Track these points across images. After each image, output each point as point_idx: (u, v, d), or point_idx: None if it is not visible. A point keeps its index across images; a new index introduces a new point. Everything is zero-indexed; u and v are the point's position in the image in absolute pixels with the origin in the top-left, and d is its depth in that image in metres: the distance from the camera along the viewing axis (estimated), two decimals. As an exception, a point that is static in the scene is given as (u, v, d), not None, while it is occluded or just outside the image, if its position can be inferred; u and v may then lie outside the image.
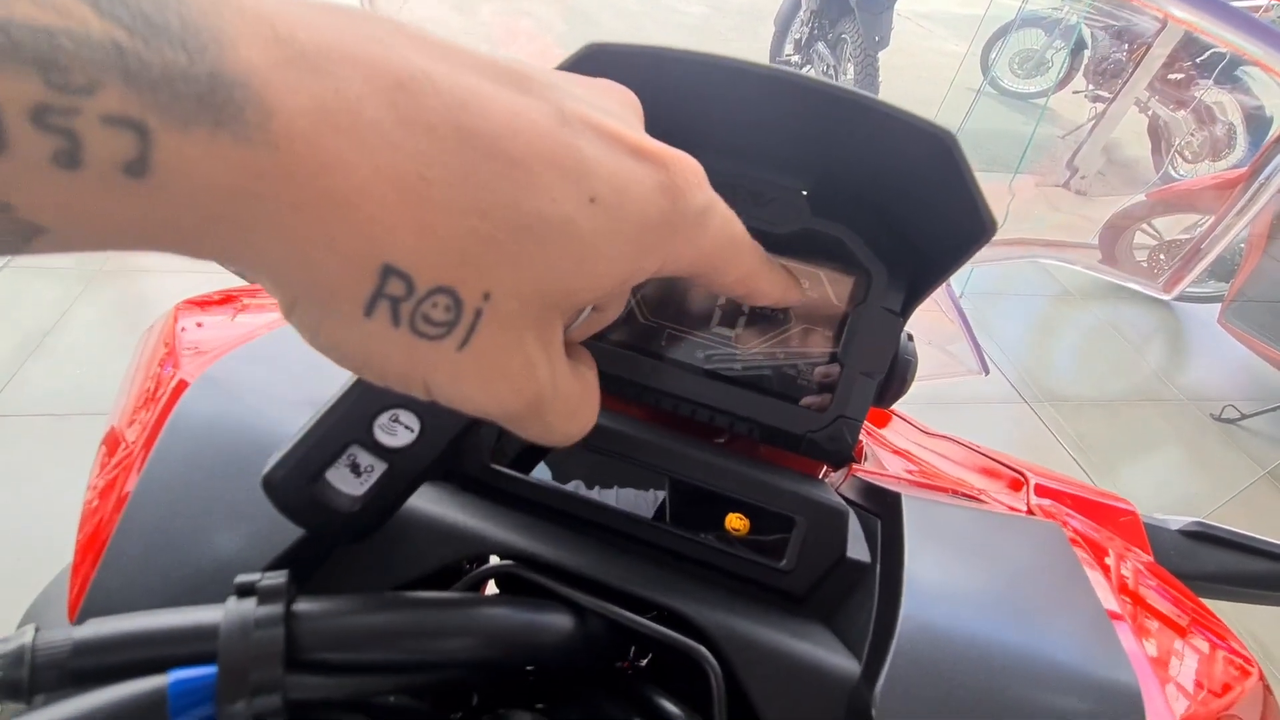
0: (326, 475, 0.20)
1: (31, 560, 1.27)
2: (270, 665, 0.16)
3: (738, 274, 0.22)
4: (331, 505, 0.20)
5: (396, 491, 0.21)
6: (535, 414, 0.18)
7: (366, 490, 0.20)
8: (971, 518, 0.31)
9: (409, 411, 0.21)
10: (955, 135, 0.23)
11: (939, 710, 0.21)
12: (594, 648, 0.23)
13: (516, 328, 0.16)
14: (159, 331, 0.39)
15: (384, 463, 0.21)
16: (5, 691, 0.16)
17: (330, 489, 0.20)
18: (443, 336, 0.15)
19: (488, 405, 0.17)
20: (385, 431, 0.20)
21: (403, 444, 0.20)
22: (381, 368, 0.16)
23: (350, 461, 0.20)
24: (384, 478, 0.21)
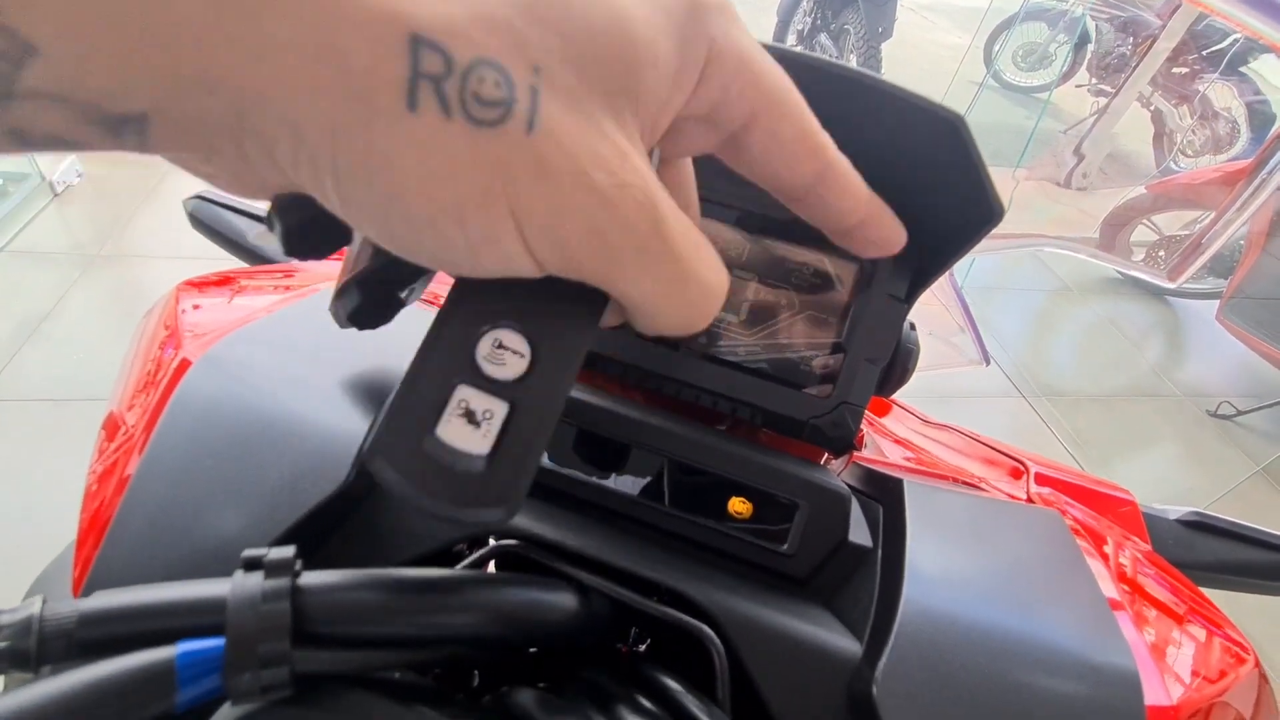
0: (437, 433, 0.15)
1: (31, 546, 1.27)
2: (278, 638, 0.16)
3: (797, 128, 0.18)
4: (454, 469, 0.15)
5: (530, 443, 0.16)
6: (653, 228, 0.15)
7: (493, 443, 0.16)
8: (972, 505, 0.31)
9: (512, 331, 0.16)
10: (963, 117, 0.23)
11: (939, 692, 0.22)
12: (597, 627, 0.23)
13: (585, 105, 0.14)
14: (159, 314, 0.39)
15: (503, 402, 0.16)
16: (12, 661, 0.16)
17: (446, 449, 0.15)
18: (504, 120, 0.13)
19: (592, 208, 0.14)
20: (492, 363, 0.16)
21: (518, 374, 0.16)
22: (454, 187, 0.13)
23: (463, 409, 0.16)
24: (510, 423, 0.16)
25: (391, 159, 0.13)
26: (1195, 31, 2.59)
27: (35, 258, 2.03)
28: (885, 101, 0.24)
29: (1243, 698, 0.27)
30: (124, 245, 2.13)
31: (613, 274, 0.15)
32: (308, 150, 0.13)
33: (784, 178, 0.19)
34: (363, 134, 0.13)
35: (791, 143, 0.18)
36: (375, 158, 0.13)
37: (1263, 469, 2.11)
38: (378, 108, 0.13)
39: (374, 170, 0.13)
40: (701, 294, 0.17)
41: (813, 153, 0.19)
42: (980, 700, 0.22)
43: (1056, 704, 0.22)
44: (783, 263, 0.32)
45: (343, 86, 0.12)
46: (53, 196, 2.27)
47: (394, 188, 0.13)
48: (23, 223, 2.13)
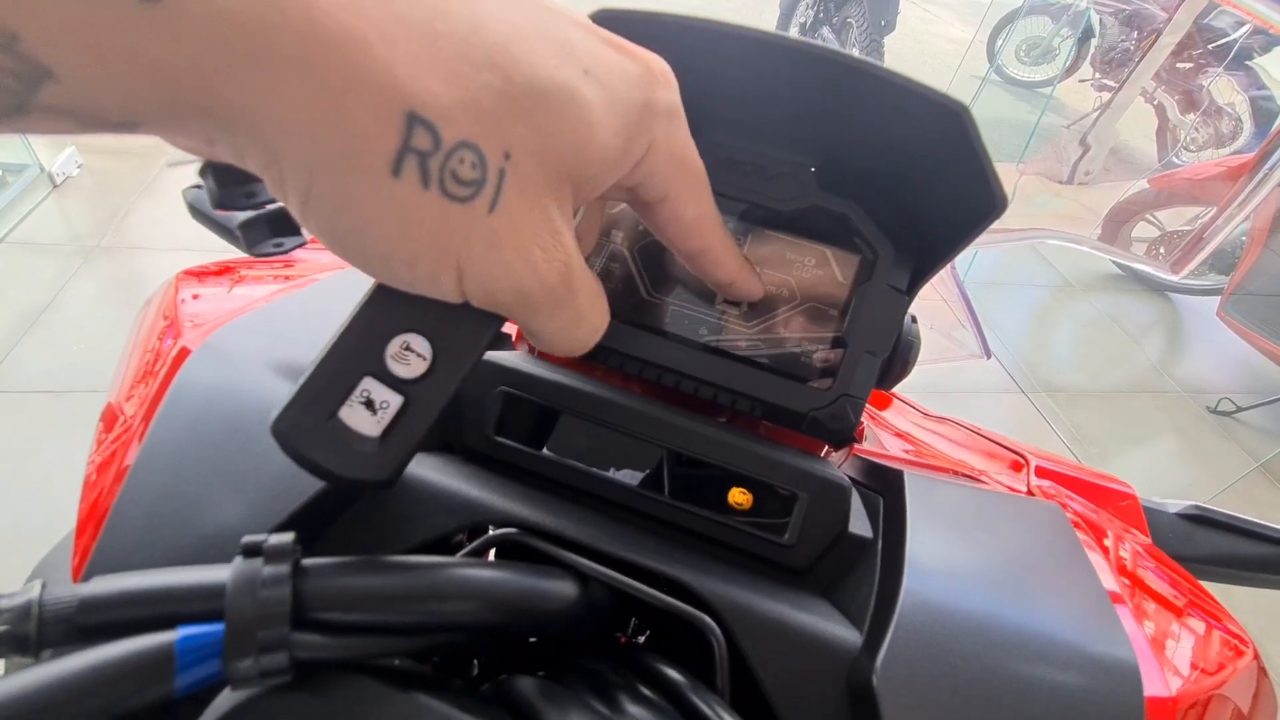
0: (340, 415, 0.18)
1: (31, 536, 1.27)
2: (277, 624, 0.16)
3: (697, 212, 0.22)
4: (349, 447, 0.18)
5: (415, 431, 0.19)
6: (567, 290, 0.18)
7: (384, 428, 0.19)
8: (973, 497, 0.31)
9: (420, 336, 0.19)
10: (968, 107, 0.23)
11: (939, 682, 0.22)
12: (596, 616, 0.23)
13: (538, 192, 0.16)
14: (158, 304, 0.39)
15: (399, 395, 0.19)
16: (12, 645, 0.16)
17: (345, 429, 0.18)
18: (472, 198, 0.15)
19: (524, 276, 0.17)
20: (397, 362, 0.19)
21: (417, 374, 0.19)
22: (414, 243, 0.15)
23: (364, 398, 0.19)
24: (401, 413, 0.19)
25: (365, 211, 0.15)
26: (1201, 25, 2.57)
27: (35, 249, 2.02)
28: (889, 90, 0.24)
29: (1241, 690, 0.27)
30: (123, 237, 2.13)
31: (526, 318, 0.19)
32: (280, 172, 0.14)
33: (675, 245, 0.24)
34: (342, 183, 0.14)
35: (689, 224, 0.22)
36: (349, 205, 0.15)
37: (1262, 465, 2.11)
38: (364, 167, 0.14)
39: (343, 211, 0.15)
40: (589, 332, 0.21)
41: (702, 235, 0.23)
42: (980, 690, 0.22)
43: (1056, 694, 0.22)
44: (784, 255, 0.32)
45: (335, 140, 0.14)
46: (52, 188, 2.27)
47: (360, 232, 0.15)
48: (22, 214, 2.13)
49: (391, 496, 0.25)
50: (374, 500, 0.25)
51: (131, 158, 2.48)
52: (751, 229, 0.32)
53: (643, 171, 0.20)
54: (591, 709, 0.19)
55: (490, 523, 0.25)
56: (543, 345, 0.21)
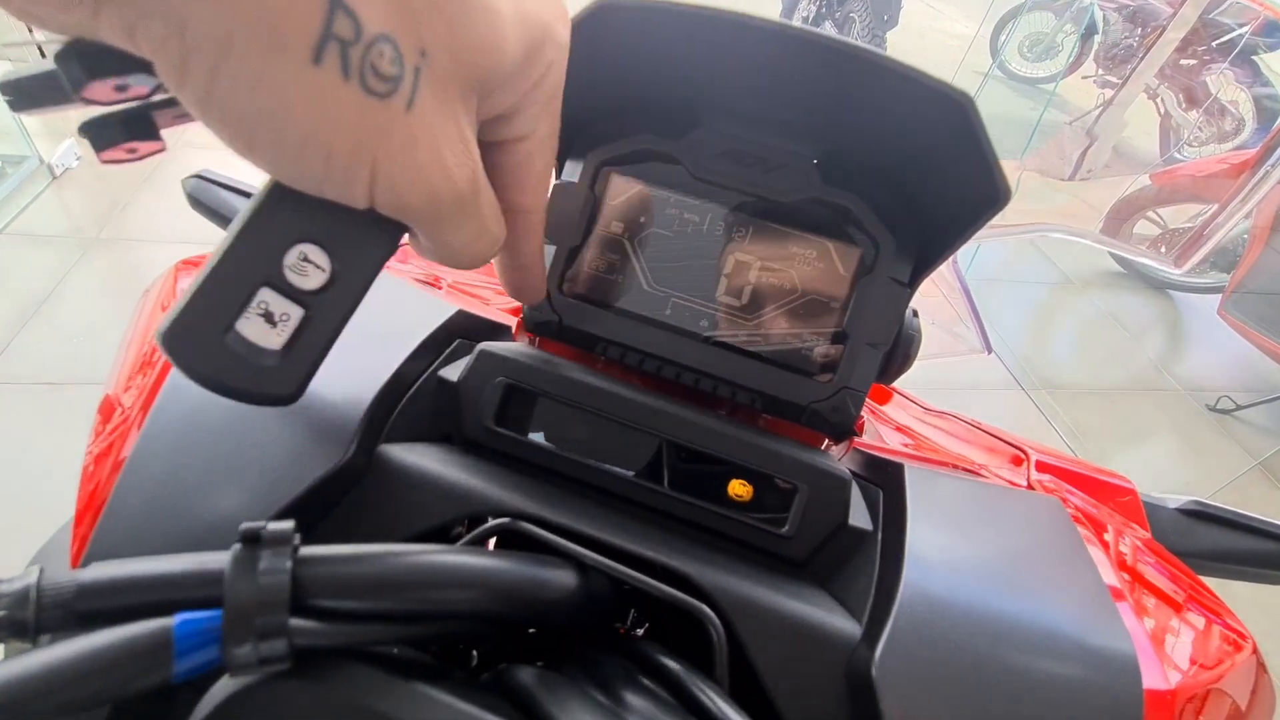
0: (238, 327, 0.18)
1: (29, 528, 1.27)
2: (276, 611, 0.16)
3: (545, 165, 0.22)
4: (249, 361, 0.18)
5: (318, 344, 0.19)
6: (474, 198, 0.18)
7: (286, 341, 0.18)
8: (973, 490, 0.31)
9: (318, 248, 0.18)
10: (972, 98, 0.23)
11: (938, 673, 0.22)
12: (596, 606, 0.23)
13: (450, 95, 0.16)
14: (156, 294, 0.38)
15: (300, 308, 0.18)
16: (10, 630, 0.16)
17: (244, 342, 0.18)
18: (391, 94, 0.15)
19: (437, 180, 0.17)
20: (296, 273, 0.18)
21: (316, 286, 0.18)
22: (332, 136, 0.15)
23: (263, 310, 0.18)
24: (302, 326, 0.18)
25: (284, 95, 0.14)
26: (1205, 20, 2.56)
27: (34, 240, 2.02)
28: (894, 80, 0.24)
29: (1239, 685, 0.27)
30: (122, 229, 2.13)
31: (432, 227, 0.19)
32: (182, 47, 0.13)
33: (508, 193, 0.23)
34: (260, 63, 0.14)
35: (536, 175, 0.22)
36: (266, 87, 0.14)
37: (1261, 463, 2.11)
38: (285, 47, 0.14)
39: (259, 93, 0.14)
40: (491, 241, 0.21)
41: (539, 193, 0.23)
42: (979, 681, 0.22)
43: (1055, 686, 0.22)
44: (785, 248, 0.32)
45: (255, 14, 0.13)
46: (51, 179, 2.26)
47: (277, 116, 0.14)
48: (21, 205, 2.13)
49: (389, 485, 0.25)
50: (372, 490, 0.25)
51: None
52: (752, 222, 0.32)
53: (527, 99, 0.20)
54: (590, 698, 0.19)
55: (489, 513, 0.25)
56: (444, 258, 0.21)
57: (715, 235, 0.32)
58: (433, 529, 0.25)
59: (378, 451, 0.26)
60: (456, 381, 0.29)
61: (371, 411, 0.26)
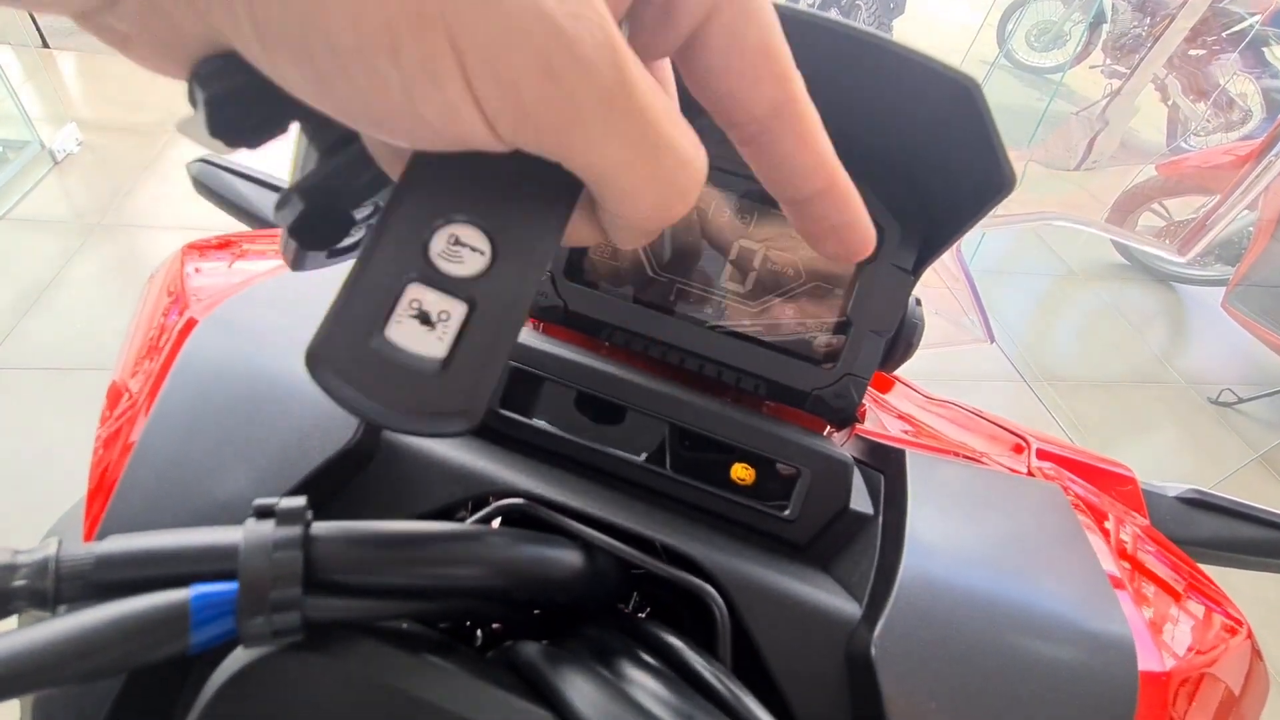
0: (388, 334, 0.14)
1: (35, 512, 1.28)
2: (289, 584, 0.17)
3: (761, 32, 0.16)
4: (408, 374, 0.14)
5: (490, 345, 0.14)
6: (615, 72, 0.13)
7: (450, 346, 0.14)
8: (974, 476, 0.31)
9: (469, 226, 0.15)
10: (979, 82, 0.23)
11: (936, 653, 0.22)
12: (601, 586, 0.24)
13: None
14: (162, 279, 0.39)
15: (462, 303, 0.14)
16: (31, 600, 0.16)
17: (398, 352, 0.14)
18: None
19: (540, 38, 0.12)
20: (449, 260, 0.14)
21: (476, 270, 0.14)
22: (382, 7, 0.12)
23: (415, 310, 0.14)
24: (469, 324, 0.14)
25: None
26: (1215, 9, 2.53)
27: (36, 226, 2.02)
28: (898, 64, 0.24)
29: (1233, 671, 0.27)
30: (124, 215, 2.13)
31: (575, 132, 0.13)
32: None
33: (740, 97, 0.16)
34: None
35: (753, 53, 0.16)
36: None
37: (1261, 456, 2.12)
38: None
39: None
40: (679, 164, 0.15)
41: (775, 75, 0.16)
42: (977, 662, 0.22)
43: (1052, 667, 0.22)
44: (789, 235, 0.32)
45: None
46: (53, 165, 2.26)
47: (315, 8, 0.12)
48: (23, 191, 2.13)
49: (397, 466, 0.25)
50: (380, 471, 0.25)
51: (131, 135, 2.46)
52: (757, 208, 0.32)
53: None
54: (594, 672, 0.19)
55: (496, 494, 0.25)
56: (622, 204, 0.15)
57: (720, 221, 0.32)
58: (438, 510, 0.25)
59: (384, 433, 0.26)
60: None
61: None
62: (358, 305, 0.14)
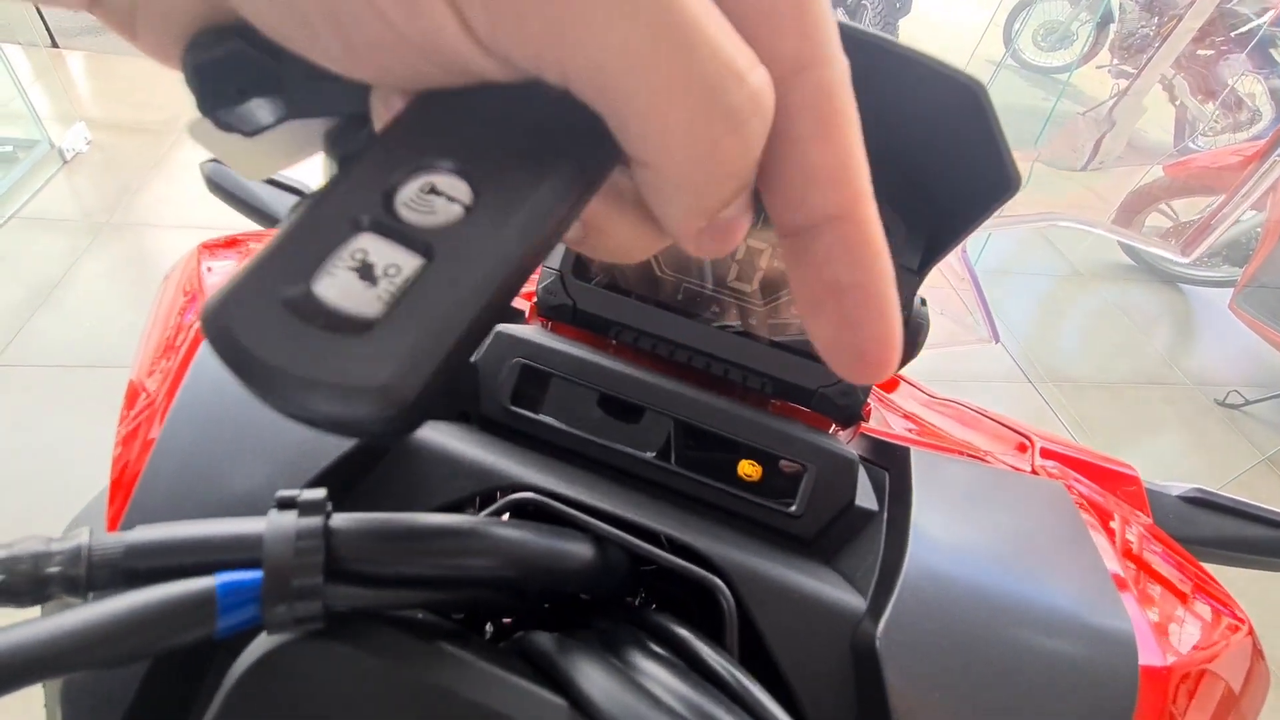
0: (315, 287, 0.10)
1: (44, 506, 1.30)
2: (311, 573, 0.17)
3: (815, 49, 0.11)
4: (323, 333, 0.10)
5: (440, 311, 0.10)
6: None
7: (388, 303, 0.10)
8: (978, 474, 0.31)
9: (453, 176, 0.11)
10: (984, 85, 0.23)
11: (940, 645, 0.22)
12: (610, 578, 0.24)
13: None
14: (177, 280, 0.39)
15: (416, 255, 0.11)
16: (64, 586, 0.17)
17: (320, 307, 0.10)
18: None
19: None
20: (413, 209, 0.11)
21: (444, 221, 0.11)
22: None
23: (358, 261, 0.10)
24: (419, 280, 0.10)
25: None
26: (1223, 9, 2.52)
27: (46, 224, 2.04)
28: (903, 66, 0.24)
29: (1234, 668, 0.28)
30: (132, 214, 2.14)
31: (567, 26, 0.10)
32: None
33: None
34: None
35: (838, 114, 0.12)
36: None
37: (1268, 459, 2.11)
38: None
39: None
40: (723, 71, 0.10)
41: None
42: (980, 654, 0.22)
43: (1054, 660, 0.22)
44: None
45: None
46: (62, 164, 2.27)
47: None
48: (33, 190, 2.14)
49: (410, 461, 0.26)
50: (393, 465, 0.26)
51: (139, 134, 2.48)
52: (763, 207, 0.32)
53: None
54: (605, 661, 0.20)
55: (509, 488, 0.26)
56: (667, 161, 0.11)
57: None
58: (452, 503, 0.26)
59: None
60: (474, 362, 0.29)
61: None
62: (286, 252, 0.11)
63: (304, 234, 0.11)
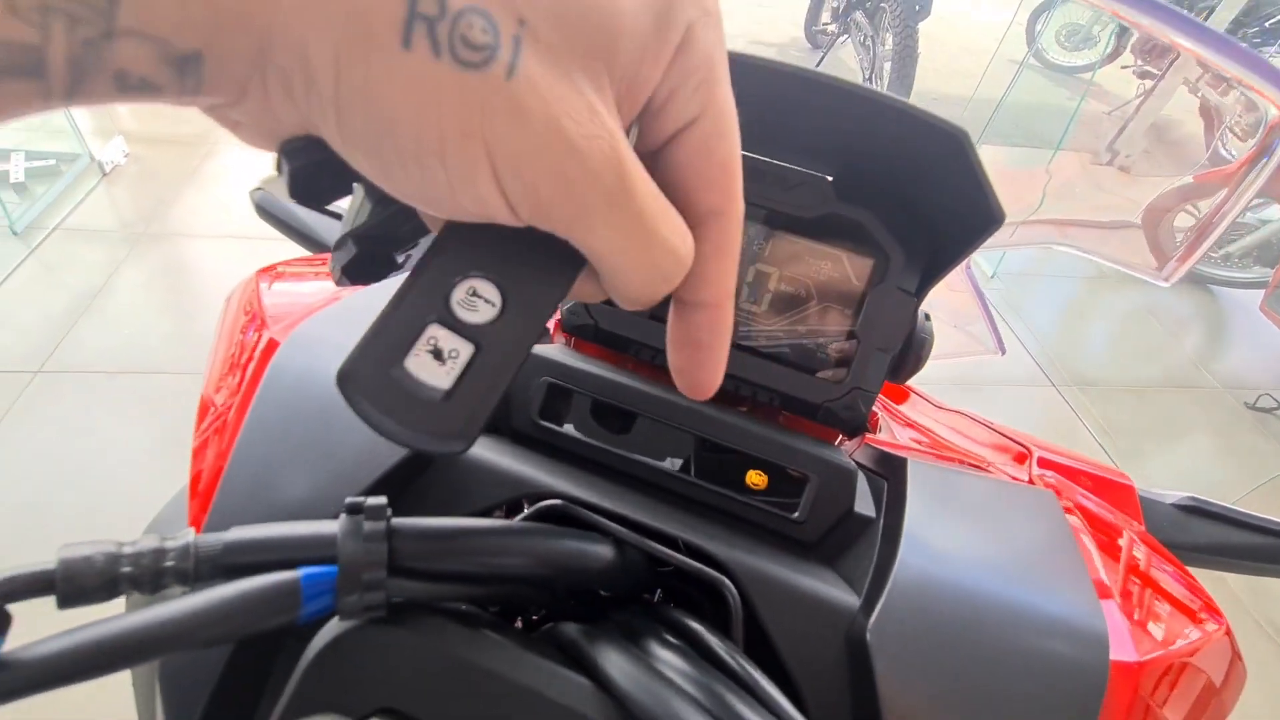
0: (406, 364, 0.17)
1: (93, 506, 1.36)
2: (377, 569, 0.20)
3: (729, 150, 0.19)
4: (416, 400, 0.17)
5: (487, 382, 0.17)
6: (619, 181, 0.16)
7: (455, 380, 0.17)
8: (971, 483, 0.33)
9: (486, 281, 0.18)
10: (967, 134, 0.26)
11: (926, 639, 0.25)
12: (629, 577, 0.27)
13: (562, 62, 0.15)
14: (238, 301, 0.43)
15: (470, 344, 0.17)
16: (177, 578, 0.20)
17: (411, 379, 0.17)
18: (486, 63, 0.14)
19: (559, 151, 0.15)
20: (465, 309, 0.17)
21: (486, 319, 0.17)
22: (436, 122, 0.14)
23: (431, 346, 0.17)
24: (474, 363, 0.17)
25: (385, 92, 0.14)
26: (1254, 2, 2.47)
27: (87, 235, 2.12)
28: (897, 116, 0.27)
29: (1214, 663, 0.30)
30: (169, 224, 2.22)
31: (580, 222, 0.16)
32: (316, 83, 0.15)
33: (692, 195, 0.19)
34: (361, 67, 0.14)
35: (717, 166, 0.19)
36: (371, 90, 0.14)
37: (1300, 464, 2.07)
38: (376, 43, 0.14)
39: (370, 102, 0.15)
40: (666, 255, 0.18)
41: (726, 190, 0.19)
42: (962, 647, 0.25)
43: (1029, 655, 0.25)
44: (804, 257, 0.35)
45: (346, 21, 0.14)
46: (101, 176, 2.36)
47: (385, 121, 0.15)
48: (75, 201, 2.23)
49: (453, 471, 0.29)
50: (438, 474, 0.29)
51: (174, 147, 2.57)
52: (773, 234, 0.35)
53: (678, 73, 0.17)
54: (627, 649, 0.22)
55: (538, 496, 0.29)
56: (616, 281, 0.18)
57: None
58: (489, 508, 0.29)
59: None
60: None
61: None
62: (385, 338, 0.17)
63: (396, 322, 0.17)
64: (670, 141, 0.18)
